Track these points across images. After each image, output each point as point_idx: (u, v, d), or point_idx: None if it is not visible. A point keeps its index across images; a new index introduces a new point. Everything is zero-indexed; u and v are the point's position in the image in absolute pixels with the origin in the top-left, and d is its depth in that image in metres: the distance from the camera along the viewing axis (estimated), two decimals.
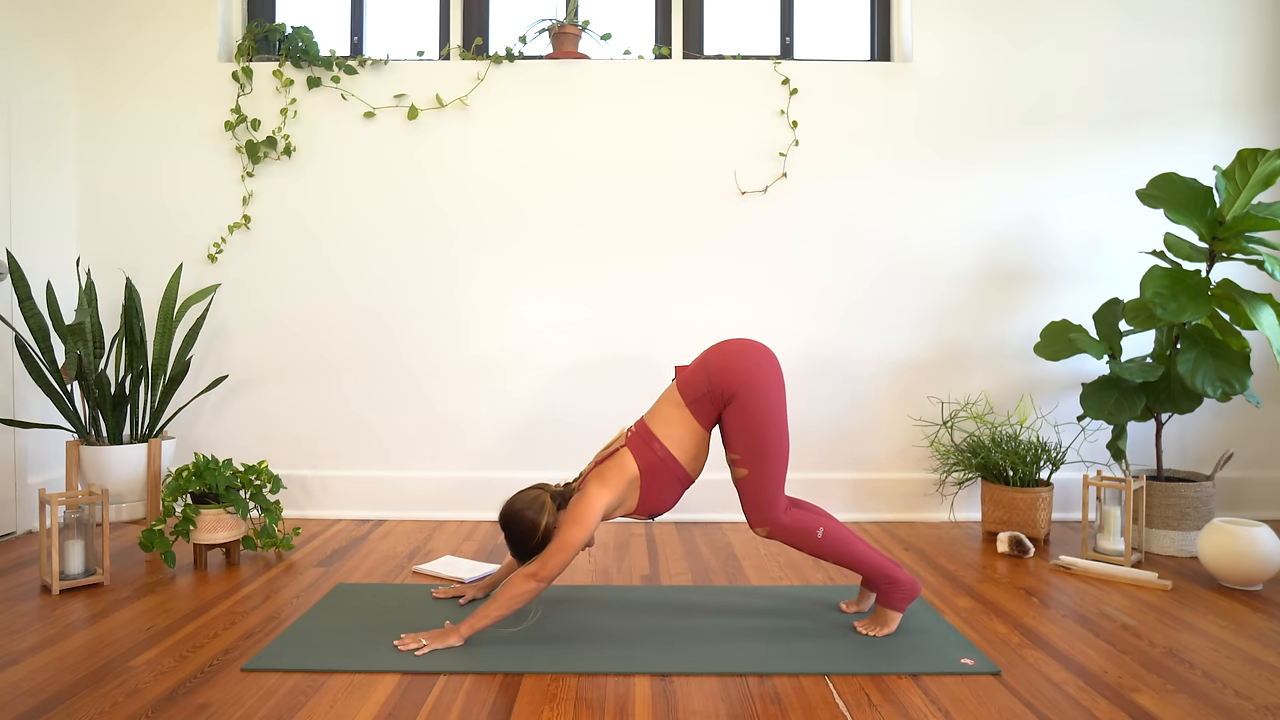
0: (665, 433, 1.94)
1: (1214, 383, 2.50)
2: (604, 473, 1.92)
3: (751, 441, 1.88)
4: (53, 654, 1.82)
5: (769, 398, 1.89)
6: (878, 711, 1.56)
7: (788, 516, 1.92)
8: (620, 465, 1.92)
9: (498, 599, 1.83)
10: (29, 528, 2.90)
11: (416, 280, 3.15)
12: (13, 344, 2.85)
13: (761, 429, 1.88)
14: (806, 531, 1.91)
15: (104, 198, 3.15)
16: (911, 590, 1.93)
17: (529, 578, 1.81)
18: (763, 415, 1.88)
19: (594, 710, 1.57)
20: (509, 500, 1.95)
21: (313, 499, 3.15)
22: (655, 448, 1.93)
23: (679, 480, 1.95)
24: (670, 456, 1.92)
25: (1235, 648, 1.88)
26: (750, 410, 1.88)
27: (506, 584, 1.84)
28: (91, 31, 3.14)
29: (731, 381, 1.89)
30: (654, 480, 1.93)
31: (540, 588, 1.82)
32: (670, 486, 1.94)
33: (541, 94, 3.13)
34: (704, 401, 1.93)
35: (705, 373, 1.93)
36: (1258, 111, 3.14)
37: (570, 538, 1.82)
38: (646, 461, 1.92)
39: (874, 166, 3.13)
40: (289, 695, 1.63)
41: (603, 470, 1.93)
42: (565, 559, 1.81)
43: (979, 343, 3.15)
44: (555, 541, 1.83)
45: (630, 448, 1.94)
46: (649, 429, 1.95)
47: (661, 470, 1.92)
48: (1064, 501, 3.13)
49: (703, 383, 1.93)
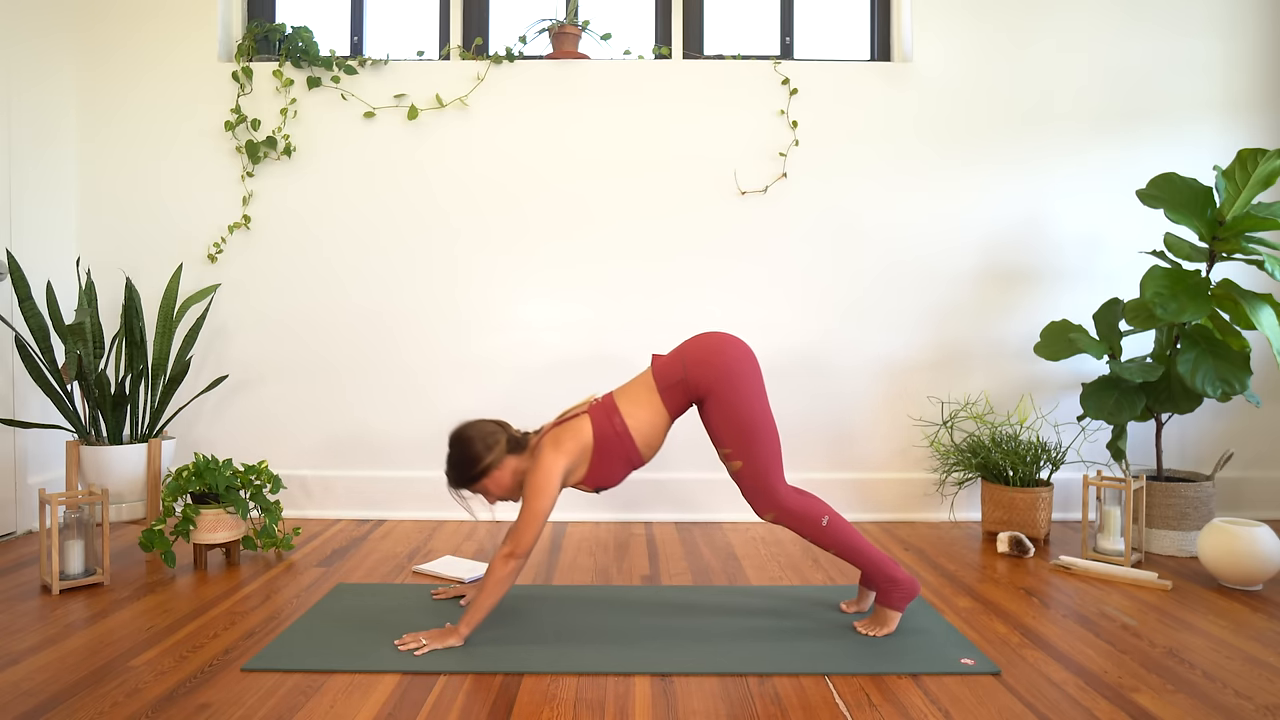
0: (629, 410, 1.96)
1: (1214, 383, 2.50)
2: (559, 437, 1.94)
3: (738, 433, 1.91)
4: (53, 654, 1.82)
5: (746, 389, 1.92)
6: (878, 711, 1.56)
7: (792, 501, 1.93)
8: (577, 431, 1.94)
9: (485, 588, 1.85)
10: (29, 528, 2.90)
11: (417, 280, 3.15)
12: (13, 344, 2.85)
13: (745, 420, 1.91)
14: (812, 518, 1.92)
15: (104, 198, 3.15)
16: (910, 589, 1.94)
17: (508, 558, 1.84)
18: (743, 407, 1.91)
19: (594, 710, 1.57)
20: (468, 423, 1.98)
21: (313, 499, 3.15)
22: (615, 421, 1.95)
23: (628, 460, 1.97)
24: (627, 433, 1.95)
25: (1235, 648, 1.88)
26: (730, 404, 1.91)
27: (489, 571, 1.86)
28: (91, 31, 3.14)
29: (707, 375, 1.92)
30: (604, 453, 1.95)
31: (521, 564, 1.85)
32: (618, 463, 1.96)
33: (541, 94, 3.13)
34: (677, 390, 1.96)
35: (682, 363, 1.96)
36: (1258, 111, 3.14)
37: (536, 509, 1.85)
38: (602, 433, 1.94)
39: (874, 166, 3.13)
40: (289, 695, 1.63)
41: (559, 434, 1.94)
42: (536, 530, 1.85)
43: (979, 343, 3.15)
44: (523, 514, 1.85)
45: (591, 415, 1.97)
46: (614, 403, 1.98)
47: (614, 445, 1.94)
48: (1064, 501, 3.13)
49: (678, 371, 1.96)
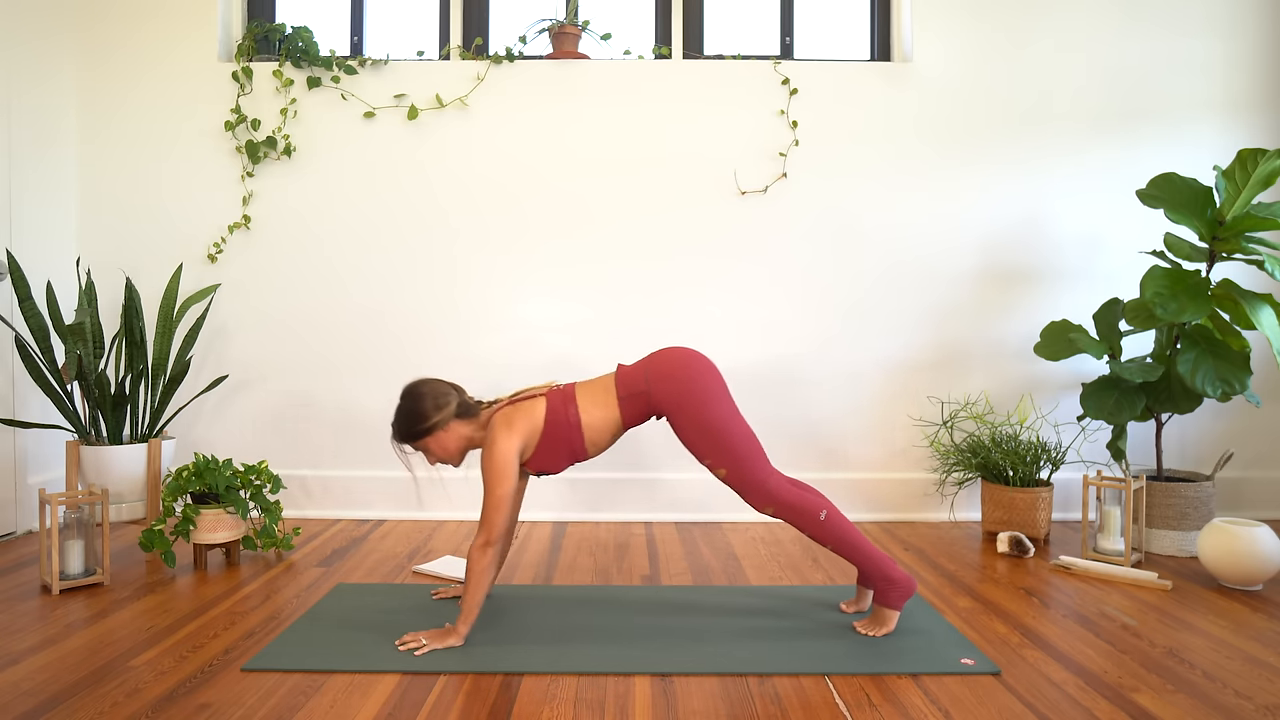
0: (586, 405, 1.97)
1: (1214, 383, 2.50)
2: (512, 416, 1.94)
3: (713, 444, 1.92)
4: (53, 654, 1.82)
5: (711, 401, 1.93)
6: (878, 711, 1.56)
7: (789, 494, 1.93)
8: (530, 412, 1.95)
9: (470, 582, 1.86)
10: (29, 528, 2.90)
11: (417, 280, 3.15)
12: (13, 344, 2.85)
13: (717, 430, 1.92)
14: (810, 512, 1.92)
15: (104, 198, 3.15)
16: (907, 588, 1.93)
17: (483, 547, 1.85)
18: (711, 417, 1.92)
19: (594, 710, 1.57)
20: (423, 379, 2.00)
21: (313, 499, 3.15)
22: (570, 411, 1.96)
23: (572, 452, 1.98)
24: (578, 426, 1.96)
25: (1235, 648, 1.88)
26: (699, 418, 1.92)
27: (469, 565, 1.86)
28: (91, 32, 3.14)
29: (669, 390, 1.94)
30: (552, 440, 1.95)
31: (497, 550, 1.87)
32: (562, 453, 1.97)
33: (541, 94, 3.13)
34: (637, 400, 1.97)
35: (645, 376, 1.97)
36: (1258, 111, 3.14)
37: (500, 493, 1.86)
38: (555, 419, 1.95)
39: (874, 166, 3.13)
40: (289, 695, 1.63)
41: (511, 414, 1.95)
42: (504, 514, 1.86)
43: (979, 343, 3.15)
44: (488, 502, 1.86)
45: (548, 399, 1.97)
46: (573, 394, 1.99)
47: (563, 434, 1.95)
48: (1064, 501, 3.13)
49: (641, 383, 1.97)
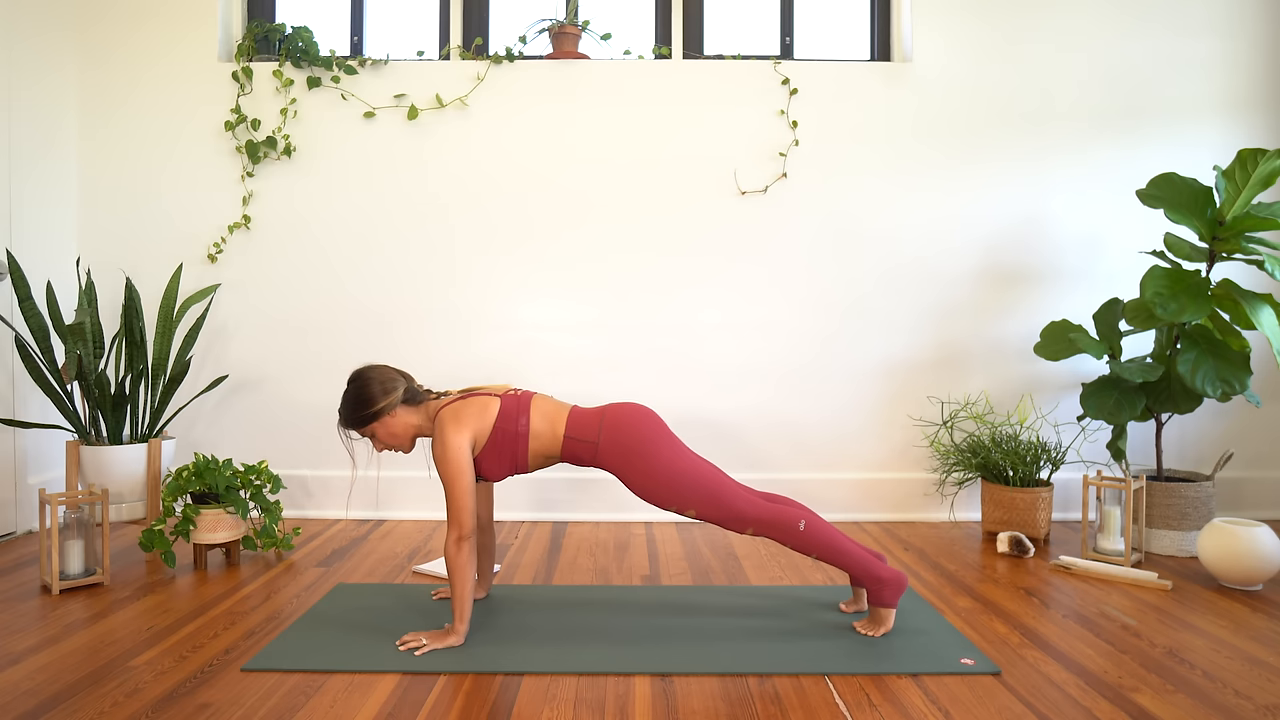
0: (537, 422, 1.96)
1: (1214, 383, 2.50)
2: (460, 412, 1.92)
3: (671, 491, 1.91)
4: (53, 654, 1.82)
5: (659, 454, 1.92)
6: (878, 711, 1.56)
7: (764, 512, 1.92)
8: (482, 410, 1.93)
9: (453, 581, 1.85)
10: (29, 528, 2.90)
11: (417, 280, 3.15)
12: (13, 344, 2.85)
13: (672, 479, 1.91)
14: (788, 525, 1.92)
15: (104, 198, 3.15)
16: (898, 584, 1.93)
17: (457, 543, 1.84)
18: (664, 470, 1.91)
19: (594, 710, 1.57)
20: (371, 365, 1.99)
21: (313, 499, 3.15)
22: (521, 421, 1.94)
23: (515, 462, 1.96)
24: (525, 438, 1.94)
25: (1235, 648, 1.88)
26: (651, 474, 1.91)
27: (448, 564, 1.85)
28: (91, 31, 3.14)
29: (617, 450, 1.93)
30: (496, 446, 1.93)
31: (471, 543, 1.85)
32: (505, 461, 1.95)
33: (541, 94, 3.13)
34: (584, 447, 1.95)
35: (599, 428, 1.95)
36: (1258, 111, 3.14)
37: (460, 489, 1.85)
38: (504, 426, 1.93)
39: (874, 166, 3.13)
40: (289, 695, 1.63)
41: (460, 409, 1.93)
42: (469, 508, 1.85)
43: (979, 343, 3.15)
44: (450, 500, 1.85)
45: (503, 403, 1.96)
46: (528, 404, 1.97)
47: (508, 443, 1.93)
48: (1064, 501, 3.13)
49: (593, 433, 1.95)
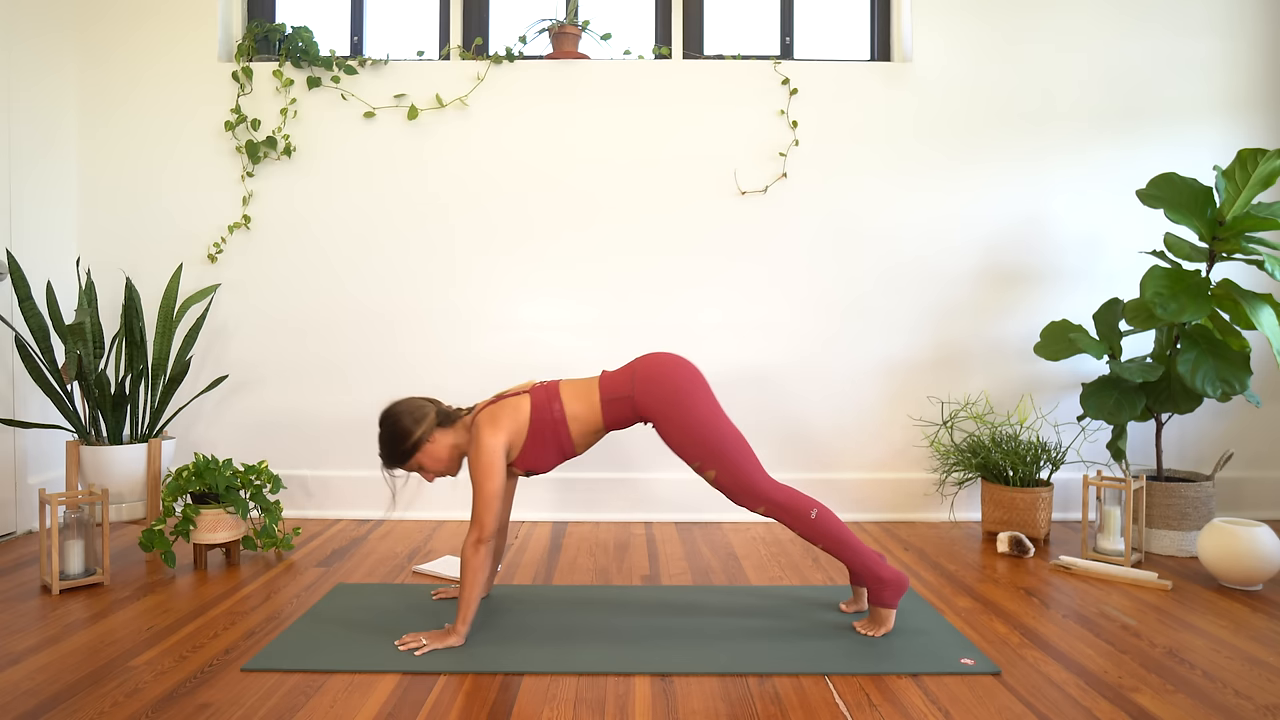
0: (570, 402, 1.97)
1: (1214, 383, 2.50)
2: (496, 414, 1.94)
3: (700, 448, 1.92)
4: (53, 654, 1.82)
5: (696, 405, 1.93)
6: (878, 711, 1.56)
7: (779, 493, 1.93)
8: (515, 409, 1.95)
9: (464, 581, 1.85)
10: (29, 528, 2.90)
11: (417, 280, 3.15)
12: (13, 344, 2.85)
13: (704, 432, 1.91)
14: (801, 510, 1.92)
15: (104, 198, 3.15)
16: (899, 585, 1.93)
17: (475, 545, 1.84)
18: (697, 421, 1.92)
19: (594, 710, 1.57)
20: (395, 400, 2.00)
21: (313, 499, 3.15)
22: (554, 407, 1.96)
23: (560, 448, 1.97)
24: (564, 421, 1.95)
25: (1235, 648, 1.88)
26: (684, 423, 1.92)
27: (463, 563, 1.86)
28: (91, 31, 3.14)
29: (653, 394, 1.94)
30: (539, 437, 1.95)
31: (490, 547, 1.86)
32: (551, 449, 1.96)
33: (541, 94, 3.13)
34: (621, 404, 1.97)
35: (631, 381, 1.97)
36: (1258, 111, 3.14)
37: (489, 490, 1.86)
38: (540, 415, 1.95)
39: (874, 166, 3.13)
40: (289, 695, 1.63)
41: (495, 411, 1.94)
42: (495, 511, 1.86)
43: (979, 343, 3.15)
44: (477, 500, 1.86)
45: (532, 396, 1.97)
46: (557, 390, 1.99)
47: (550, 431, 1.95)
48: (1064, 501, 3.13)
49: (626, 387, 1.97)
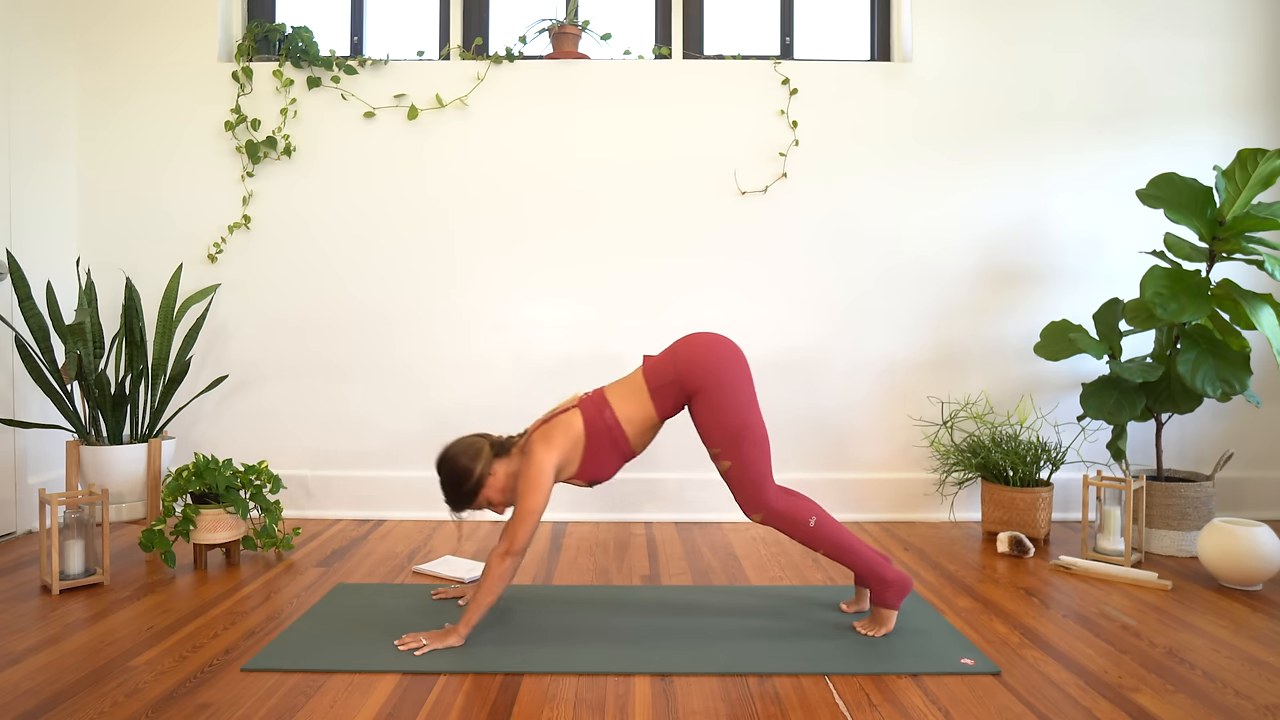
0: (619, 405, 1.97)
1: (1214, 383, 2.50)
2: (549, 432, 1.94)
3: (727, 433, 1.91)
4: (53, 654, 1.82)
5: (737, 390, 1.92)
6: (878, 711, 1.56)
7: (780, 502, 1.93)
8: (567, 425, 1.94)
9: (483, 586, 1.85)
10: (29, 528, 2.90)
11: (417, 280, 3.15)
12: (13, 344, 2.85)
13: (734, 420, 1.91)
14: (799, 519, 1.92)
15: (104, 198, 3.15)
16: (903, 586, 1.93)
17: (503, 555, 1.84)
18: (732, 407, 1.91)
19: (594, 710, 1.57)
20: (448, 444, 1.98)
21: (313, 499, 3.15)
22: (606, 414, 1.95)
23: (621, 452, 1.97)
24: (618, 425, 1.95)
25: (1235, 648, 1.88)
26: (719, 404, 1.91)
27: (486, 569, 1.86)
28: (91, 32, 3.14)
29: (697, 374, 1.93)
30: (597, 446, 1.95)
31: (517, 561, 1.85)
32: (611, 455, 1.96)
33: (541, 94, 3.13)
34: (668, 390, 1.96)
35: (673, 362, 1.96)
36: (1258, 111, 3.14)
37: (530, 506, 1.85)
38: (594, 426, 1.95)
39: (874, 166, 3.13)
40: (289, 695, 1.63)
41: (548, 430, 1.94)
42: (530, 527, 1.85)
43: (979, 343, 3.15)
44: (516, 512, 1.85)
45: (581, 409, 1.97)
46: (604, 397, 1.98)
47: (606, 437, 1.95)
48: (1064, 501, 3.13)
49: (669, 371, 1.96)
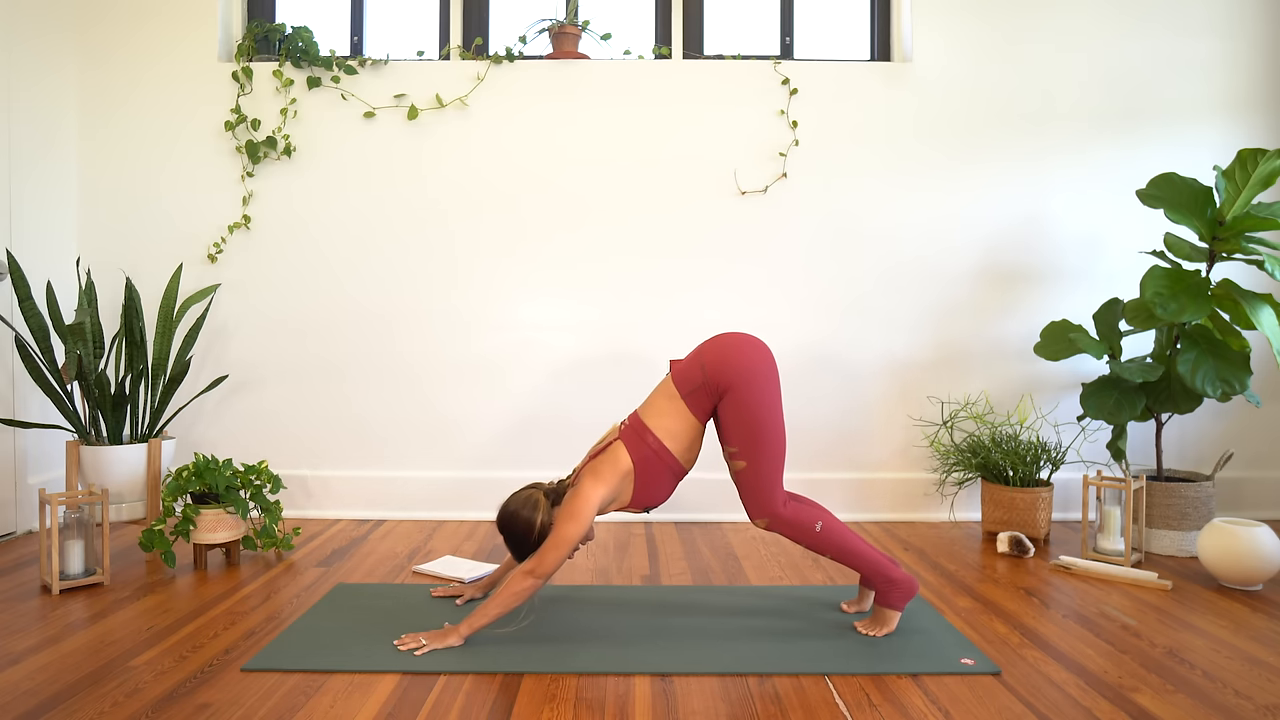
0: (658, 424, 1.95)
1: (1214, 383, 2.50)
2: (597, 467, 1.93)
3: (748, 433, 1.90)
4: (53, 654, 1.82)
5: (764, 390, 1.91)
6: (878, 711, 1.56)
7: (787, 509, 1.93)
8: (614, 459, 1.93)
9: (497, 597, 1.84)
10: (29, 528, 2.90)
11: (416, 280, 3.15)
12: (13, 344, 2.85)
13: (757, 421, 1.89)
14: (805, 525, 1.92)
15: (104, 198, 3.15)
16: (909, 589, 1.93)
17: (526, 575, 1.82)
18: (758, 407, 1.89)
19: (594, 710, 1.57)
20: (505, 502, 1.97)
21: (313, 499, 3.15)
22: (649, 440, 1.94)
23: (672, 472, 1.96)
24: (663, 448, 1.93)
25: (1235, 648, 1.88)
26: (745, 403, 1.89)
27: (506, 582, 1.85)
28: (91, 31, 3.14)
29: (726, 374, 1.91)
30: (647, 473, 1.93)
31: (538, 584, 1.83)
32: (664, 478, 1.95)
33: (541, 94, 3.13)
34: (700, 394, 1.94)
35: (701, 365, 1.94)
36: (1258, 111, 3.14)
37: (565, 533, 1.83)
38: (640, 454, 1.93)
39: (874, 166, 3.13)
40: (289, 695, 1.63)
41: (596, 465, 1.94)
42: (562, 554, 1.82)
43: (979, 343, 3.15)
44: (551, 538, 1.84)
45: (624, 440, 1.96)
46: (642, 422, 1.96)
47: (655, 462, 1.93)
48: (1064, 501, 3.13)
49: (698, 375, 1.94)
